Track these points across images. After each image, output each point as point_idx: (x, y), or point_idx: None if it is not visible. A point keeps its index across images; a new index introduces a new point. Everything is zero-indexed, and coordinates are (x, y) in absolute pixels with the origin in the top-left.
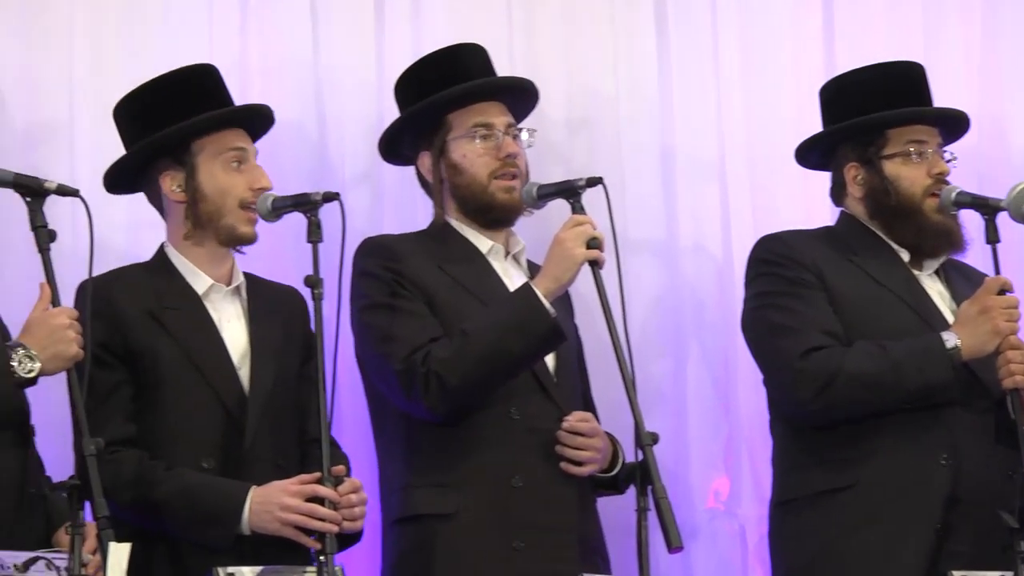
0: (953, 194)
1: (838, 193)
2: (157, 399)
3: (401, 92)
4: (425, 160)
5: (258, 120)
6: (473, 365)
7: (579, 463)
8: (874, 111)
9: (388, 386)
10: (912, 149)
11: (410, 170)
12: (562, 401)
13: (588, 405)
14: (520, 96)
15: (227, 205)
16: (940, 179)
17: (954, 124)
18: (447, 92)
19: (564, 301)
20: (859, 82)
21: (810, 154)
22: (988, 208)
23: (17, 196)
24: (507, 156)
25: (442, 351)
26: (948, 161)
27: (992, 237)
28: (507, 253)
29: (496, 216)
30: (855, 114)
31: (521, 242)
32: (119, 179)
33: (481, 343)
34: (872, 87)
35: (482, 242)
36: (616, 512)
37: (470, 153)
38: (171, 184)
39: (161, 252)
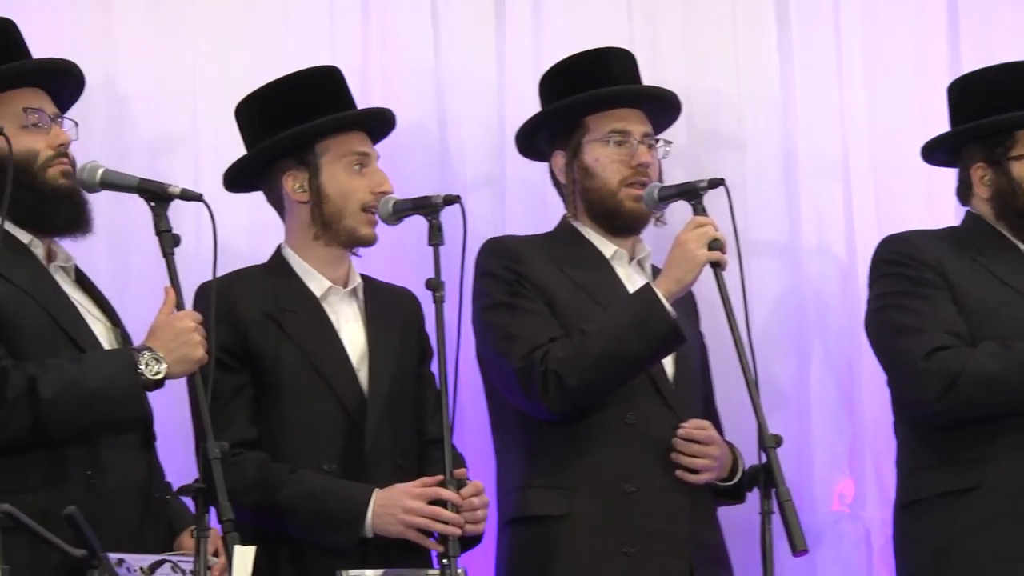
0: None
1: (964, 193)
2: (278, 402)
3: (545, 88)
4: (559, 159)
5: (381, 123)
6: (592, 364)
7: (695, 471)
8: (1003, 111)
9: (507, 384)
10: None
11: (532, 173)
12: (679, 408)
13: (711, 412)
14: (662, 106)
15: (348, 208)
16: None
17: None
18: (588, 94)
19: (689, 309)
20: (987, 81)
21: (936, 152)
22: None
23: (142, 201)
24: (639, 165)
25: (561, 350)
26: None
27: None
28: (631, 258)
29: (622, 223)
30: (983, 114)
31: (647, 248)
32: (239, 177)
33: (600, 343)
34: (1001, 86)
35: (607, 247)
36: (739, 516)
37: (603, 158)
38: (293, 184)
39: (279, 254)
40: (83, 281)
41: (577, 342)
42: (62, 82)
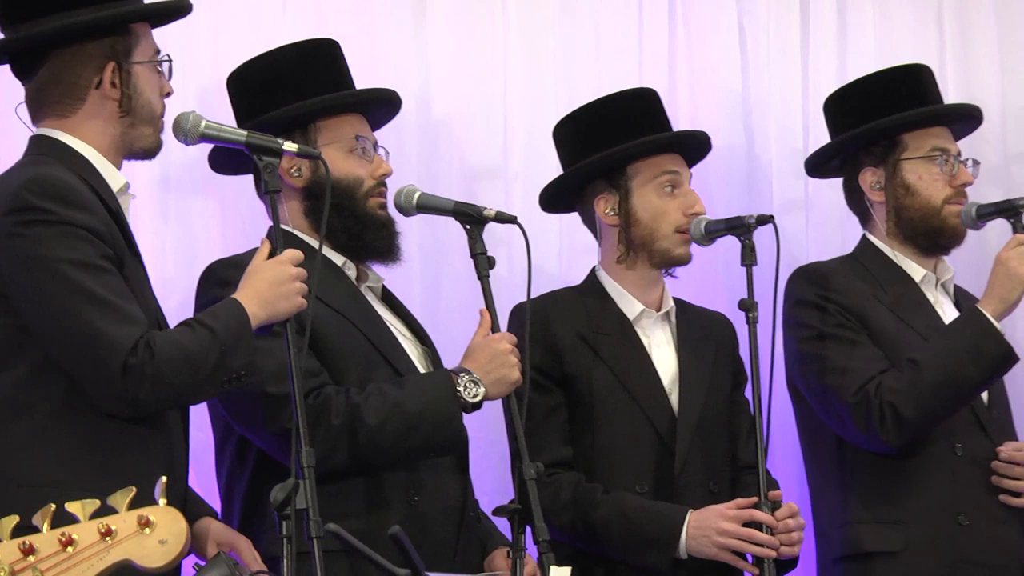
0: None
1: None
2: (591, 423)
3: (850, 105)
4: (867, 176)
5: (695, 146)
6: (929, 394)
7: (1018, 494)
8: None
9: (836, 419)
10: None
11: (837, 192)
12: (995, 434)
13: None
14: (964, 124)
15: (661, 229)
16: None
17: None
18: (915, 112)
19: None
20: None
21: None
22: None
23: (452, 223)
24: (962, 184)
25: (895, 381)
26: None
27: None
28: (937, 281)
29: (944, 242)
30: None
31: (951, 269)
32: (555, 198)
33: (935, 370)
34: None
35: (915, 270)
36: None
37: (926, 176)
38: (605, 207)
39: (592, 276)
40: (390, 300)
41: (910, 372)
42: (384, 112)
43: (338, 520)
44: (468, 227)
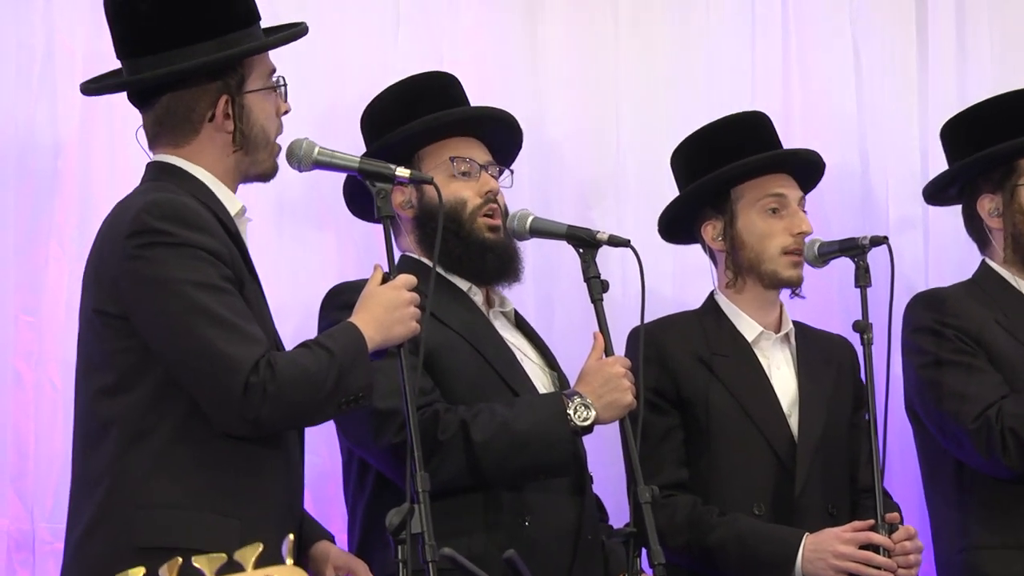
0: None
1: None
2: (708, 444)
3: (965, 131)
4: (985, 203)
5: (803, 166)
6: None
7: None
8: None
9: (955, 444)
10: None
11: (955, 213)
12: None
13: None
14: None
15: (767, 252)
16: None
17: None
18: None
19: None
20: (982, 115)
21: (940, 195)
22: None
23: (565, 246)
24: None
25: (1015, 407)
26: None
27: None
28: None
29: None
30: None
31: None
32: (672, 227)
33: None
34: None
35: None
36: None
37: None
38: (712, 233)
39: (711, 299)
40: (523, 326)
41: None
42: (496, 132)
43: (452, 539)
44: (581, 251)
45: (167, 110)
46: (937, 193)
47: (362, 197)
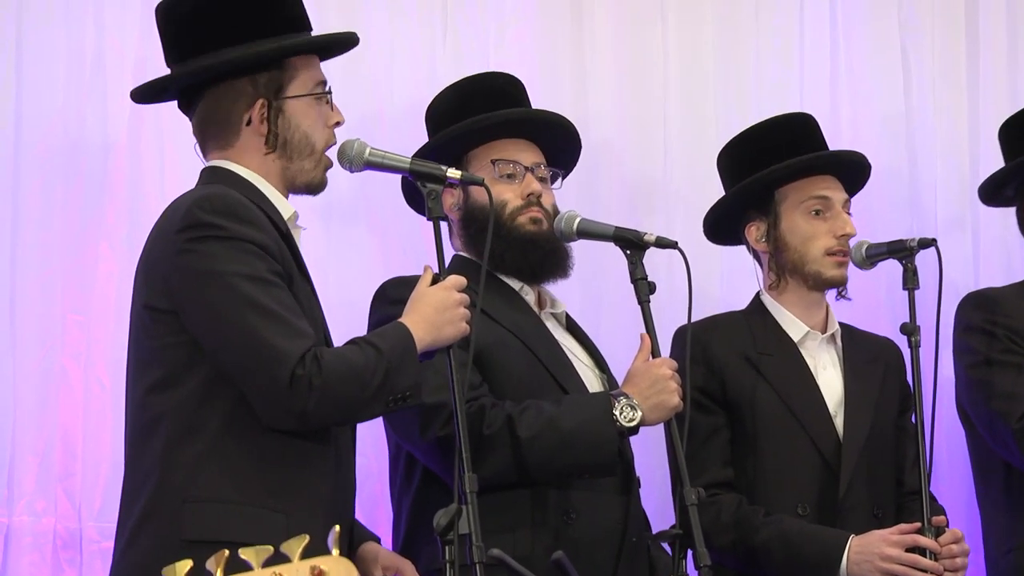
0: None
1: None
2: (753, 444)
3: (1020, 130)
4: None
5: (847, 167)
6: None
7: None
8: None
9: (1002, 444)
10: None
11: (1005, 214)
12: None
13: None
14: None
15: (810, 253)
16: None
17: None
18: None
19: None
20: None
21: (997, 194)
22: None
23: (612, 247)
24: None
25: None
26: None
27: None
28: None
29: None
30: None
31: None
32: (717, 228)
33: None
34: None
35: None
36: None
37: None
38: (756, 234)
39: (757, 299)
40: (574, 328)
41: None
42: (548, 134)
43: (497, 535)
44: (628, 252)
45: (207, 113)
46: (993, 193)
47: (421, 196)
